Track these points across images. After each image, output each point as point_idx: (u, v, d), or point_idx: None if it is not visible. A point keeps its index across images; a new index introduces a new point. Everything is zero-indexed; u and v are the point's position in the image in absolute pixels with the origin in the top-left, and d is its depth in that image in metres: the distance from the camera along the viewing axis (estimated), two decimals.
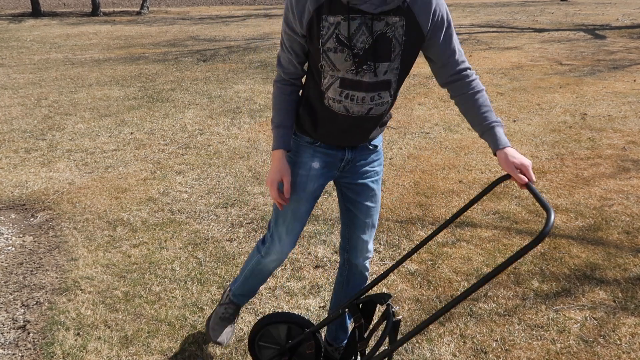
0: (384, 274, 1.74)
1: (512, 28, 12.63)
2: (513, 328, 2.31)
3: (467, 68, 1.63)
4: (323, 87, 1.61)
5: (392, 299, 1.67)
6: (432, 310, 2.43)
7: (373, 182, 1.83)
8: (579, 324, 2.32)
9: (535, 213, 3.32)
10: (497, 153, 1.52)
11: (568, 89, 6.47)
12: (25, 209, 3.56)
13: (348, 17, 1.47)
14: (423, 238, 3.06)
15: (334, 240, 3.07)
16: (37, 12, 19.09)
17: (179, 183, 3.93)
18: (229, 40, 11.72)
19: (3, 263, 2.90)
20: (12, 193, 3.81)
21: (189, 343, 2.26)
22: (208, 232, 3.21)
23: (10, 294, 2.62)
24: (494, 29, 12.45)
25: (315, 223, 3.27)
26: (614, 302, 2.46)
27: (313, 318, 2.41)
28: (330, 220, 3.30)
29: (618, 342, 2.21)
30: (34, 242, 3.13)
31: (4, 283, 2.72)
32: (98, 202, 3.63)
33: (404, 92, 6.47)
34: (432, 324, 2.34)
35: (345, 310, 1.81)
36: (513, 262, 1.18)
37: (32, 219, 3.42)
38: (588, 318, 2.36)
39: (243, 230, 3.22)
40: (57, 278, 2.76)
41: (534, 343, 2.22)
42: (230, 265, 2.84)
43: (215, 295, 2.57)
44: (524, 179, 1.44)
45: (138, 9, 20.69)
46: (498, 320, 2.36)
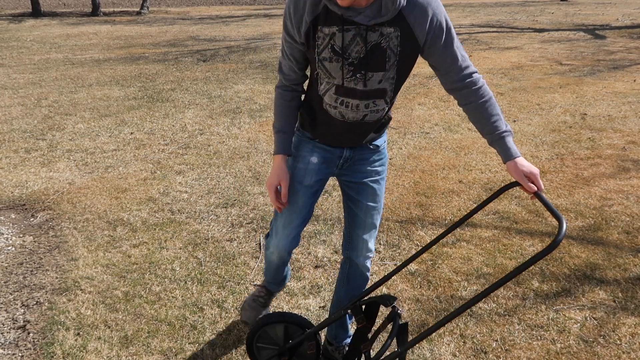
0: (388, 276, 1.74)
1: (512, 28, 12.63)
2: (513, 328, 2.31)
3: (471, 74, 1.59)
4: (320, 92, 1.64)
5: (397, 301, 1.68)
6: (432, 310, 2.43)
7: (374, 181, 1.84)
8: (579, 324, 2.32)
9: (535, 213, 3.32)
10: (506, 163, 1.55)
11: (568, 89, 6.47)
12: (25, 209, 3.56)
13: (342, 28, 1.48)
14: (423, 238, 3.07)
15: (334, 240, 3.07)
16: (37, 12, 19.10)
17: (179, 183, 3.93)
18: (229, 40, 11.72)
19: (3, 263, 2.90)
20: (12, 193, 3.81)
21: (189, 343, 2.26)
22: (208, 232, 3.21)
23: (10, 294, 2.62)
24: (494, 29, 12.45)
25: (315, 223, 3.27)
26: (614, 302, 2.46)
27: (313, 318, 2.41)
28: (330, 220, 3.30)
29: (618, 342, 2.21)
30: (34, 242, 3.13)
31: (4, 283, 2.72)
32: (98, 202, 3.63)
33: (404, 92, 6.47)
34: (431, 325, 2.34)
35: (348, 311, 1.81)
36: (524, 269, 1.21)
37: (32, 219, 3.42)
38: (588, 318, 2.36)
39: (243, 230, 3.22)
40: (57, 278, 2.76)
41: (534, 343, 2.22)
42: (230, 265, 2.84)
43: (215, 295, 2.58)
44: (533, 188, 1.48)
45: (138, 9, 20.69)
46: (498, 320, 2.36)
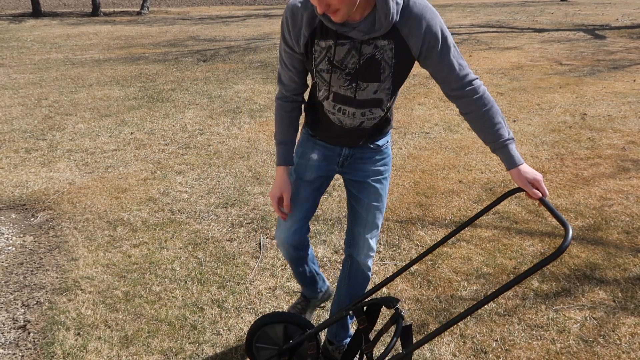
0: (390, 278, 1.74)
1: (512, 28, 12.64)
2: (513, 328, 2.31)
3: (471, 81, 1.58)
4: (319, 98, 1.69)
5: (400, 303, 1.68)
6: (432, 310, 2.44)
7: (376, 180, 1.85)
8: (579, 324, 2.32)
9: (535, 213, 3.32)
10: (510, 170, 1.57)
11: (568, 89, 6.47)
12: (26, 209, 3.57)
13: (336, 42, 1.51)
14: (423, 238, 3.07)
15: (334, 240, 3.07)
16: (37, 12, 19.10)
17: (179, 183, 3.93)
18: (229, 40, 11.72)
19: (3, 263, 2.91)
20: (12, 193, 3.81)
21: (189, 343, 2.27)
22: (208, 232, 3.21)
23: (11, 294, 2.63)
24: (494, 29, 12.45)
25: (316, 223, 3.27)
26: (614, 302, 2.47)
27: (313, 318, 2.41)
28: (330, 220, 3.31)
29: (618, 342, 2.21)
30: (34, 242, 3.14)
31: (5, 283, 2.72)
32: (98, 202, 3.63)
33: (404, 92, 6.47)
34: (431, 324, 2.34)
35: (350, 312, 1.81)
36: (529, 275, 1.22)
37: (32, 219, 3.42)
38: (588, 318, 2.36)
39: (243, 230, 3.22)
40: (57, 278, 2.76)
41: (534, 343, 2.22)
42: (230, 265, 2.84)
43: (215, 295, 2.58)
44: (538, 194, 1.51)
45: (138, 9, 20.70)
46: (498, 320, 2.36)
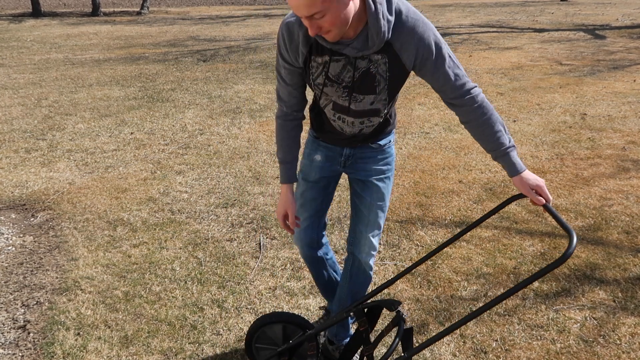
0: (392, 280, 1.74)
1: (512, 28, 12.64)
2: (513, 328, 2.31)
3: (469, 90, 1.57)
4: (321, 105, 1.72)
5: (401, 306, 1.68)
6: (432, 310, 2.43)
7: (378, 179, 1.87)
8: (579, 324, 2.32)
9: (535, 213, 3.32)
10: (512, 177, 1.59)
11: (568, 89, 6.47)
12: (26, 209, 3.57)
13: (331, 58, 1.54)
14: (423, 238, 3.07)
15: (334, 240, 3.07)
16: (37, 12, 19.10)
17: (179, 183, 3.93)
18: (229, 40, 11.72)
19: (3, 263, 2.91)
20: (12, 193, 3.81)
21: (189, 343, 2.26)
22: (208, 232, 3.21)
23: (11, 294, 2.63)
24: (494, 29, 12.45)
25: None
26: (614, 302, 2.46)
27: (313, 318, 2.41)
28: (330, 220, 3.30)
29: (618, 342, 2.21)
30: (34, 242, 3.14)
31: (4, 283, 2.72)
32: (98, 202, 3.63)
33: (404, 92, 6.47)
34: (432, 325, 2.34)
35: (350, 314, 1.81)
36: (532, 281, 1.22)
37: (32, 219, 3.42)
38: (588, 318, 2.36)
39: (243, 230, 3.22)
40: (57, 278, 2.76)
41: (534, 343, 2.22)
42: (230, 265, 2.84)
43: (215, 295, 2.58)
44: (542, 201, 1.52)
45: (138, 9, 20.70)
46: (498, 320, 2.36)
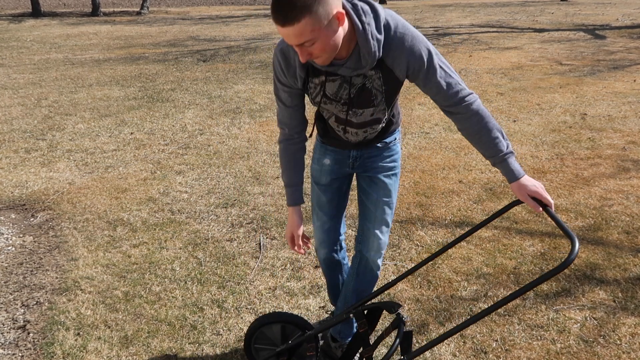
0: (393, 282, 1.74)
1: (512, 28, 12.64)
2: (513, 328, 2.31)
3: (463, 98, 1.57)
4: (325, 117, 1.79)
5: (401, 308, 1.68)
6: (432, 310, 2.43)
7: (385, 176, 1.88)
8: (579, 324, 2.32)
9: (535, 213, 3.32)
10: (510, 184, 1.59)
11: (568, 89, 6.47)
12: (25, 209, 3.56)
13: (326, 79, 1.59)
14: (423, 238, 3.07)
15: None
16: (37, 12, 19.11)
17: (179, 183, 3.93)
18: (229, 40, 11.72)
19: (3, 263, 2.90)
20: (12, 193, 3.81)
21: (189, 343, 2.26)
22: (208, 232, 3.21)
23: (10, 294, 2.62)
24: (494, 29, 12.45)
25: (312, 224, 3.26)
26: (614, 302, 2.46)
27: (313, 318, 2.41)
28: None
29: (618, 342, 2.21)
30: (34, 242, 3.13)
31: (4, 283, 2.72)
32: (98, 202, 3.63)
33: (404, 92, 6.47)
34: (432, 325, 2.34)
35: (350, 315, 1.81)
36: (532, 287, 1.22)
37: (32, 219, 3.42)
38: (588, 318, 2.36)
39: (243, 230, 3.22)
40: (57, 278, 2.76)
41: (534, 343, 2.22)
42: (230, 265, 2.84)
43: (215, 295, 2.58)
44: (538, 208, 1.53)
45: (138, 9, 20.70)
46: (498, 320, 2.36)
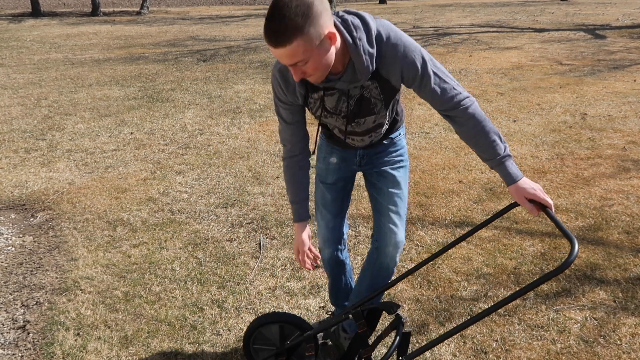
0: (392, 282, 1.74)
1: (512, 28, 12.64)
2: (513, 328, 2.31)
3: (459, 102, 1.57)
4: (330, 128, 1.81)
5: (400, 309, 1.68)
6: (432, 310, 2.43)
7: (393, 168, 1.90)
8: (579, 324, 2.32)
9: None
10: (508, 187, 1.60)
11: (568, 89, 6.47)
12: (25, 209, 3.56)
13: (324, 94, 1.61)
14: (423, 238, 3.07)
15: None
16: (37, 12, 19.11)
17: (179, 183, 3.93)
18: (229, 40, 11.72)
19: (3, 263, 2.90)
20: (12, 193, 3.81)
21: (189, 343, 2.26)
22: (208, 232, 3.21)
23: (10, 294, 2.62)
24: (494, 29, 12.45)
25: (316, 223, 3.26)
26: (614, 302, 2.46)
27: (313, 318, 2.41)
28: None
29: (618, 342, 2.21)
30: (34, 242, 3.13)
31: (4, 283, 2.72)
32: (98, 202, 3.63)
33: (404, 92, 6.47)
34: (432, 325, 2.34)
35: (349, 316, 1.81)
36: (533, 287, 1.22)
37: (32, 219, 3.42)
38: (588, 318, 2.36)
39: (243, 230, 3.22)
40: (57, 278, 2.76)
41: (534, 343, 2.22)
42: (230, 265, 2.84)
43: (215, 295, 2.57)
44: (534, 211, 1.53)
45: (138, 9, 20.70)
46: (498, 320, 2.36)
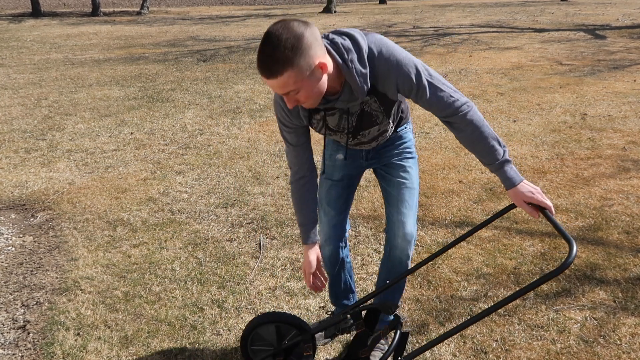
0: (392, 282, 1.74)
1: (512, 28, 12.64)
2: (513, 328, 2.31)
3: (457, 108, 1.57)
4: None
5: (399, 309, 1.68)
6: (432, 310, 2.43)
7: (402, 159, 1.92)
8: (579, 324, 2.32)
9: None
10: (508, 191, 1.61)
11: (568, 89, 6.47)
12: (25, 209, 3.56)
13: (325, 114, 1.66)
14: (423, 238, 3.07)
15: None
16: (37, 12, 19.12)
17: (179, 183, 3.93)
18: (229, 40, 11.72)
19: (3, 263, 2.90)
20: (12, 193, 3.81)
21: (189, 343, 2.26)
22: (208, 232, 3.21)
23: (10, 294, 2.62)
24: (494, 29, 12.45)
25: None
26: (614, 302, 2.46)
27: (313, 318, 2.41)
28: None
29: (618, 342, 2.21)
30: (34, 242, 3.13)
31: (4, 283, 2.72)
32: (98, 202, 3.63)
33: None
34: (431, 325, 2.34)
35: (347, 316, 1.81)
36: (532, 288, 1.23)
37: (32, 219, 3.42)
38: (588, 318, 2.36)
39: (243, 230, 3.22)
40: (57, 278, 2.76)
41: (534, 343, 2.22)
42: (230, 265, 2.84)
43: (215, 295, 2.58)
44: (535, 214, 1.55)
45: (138, 9, 20.71)
46: (498, 320, 2.36)
